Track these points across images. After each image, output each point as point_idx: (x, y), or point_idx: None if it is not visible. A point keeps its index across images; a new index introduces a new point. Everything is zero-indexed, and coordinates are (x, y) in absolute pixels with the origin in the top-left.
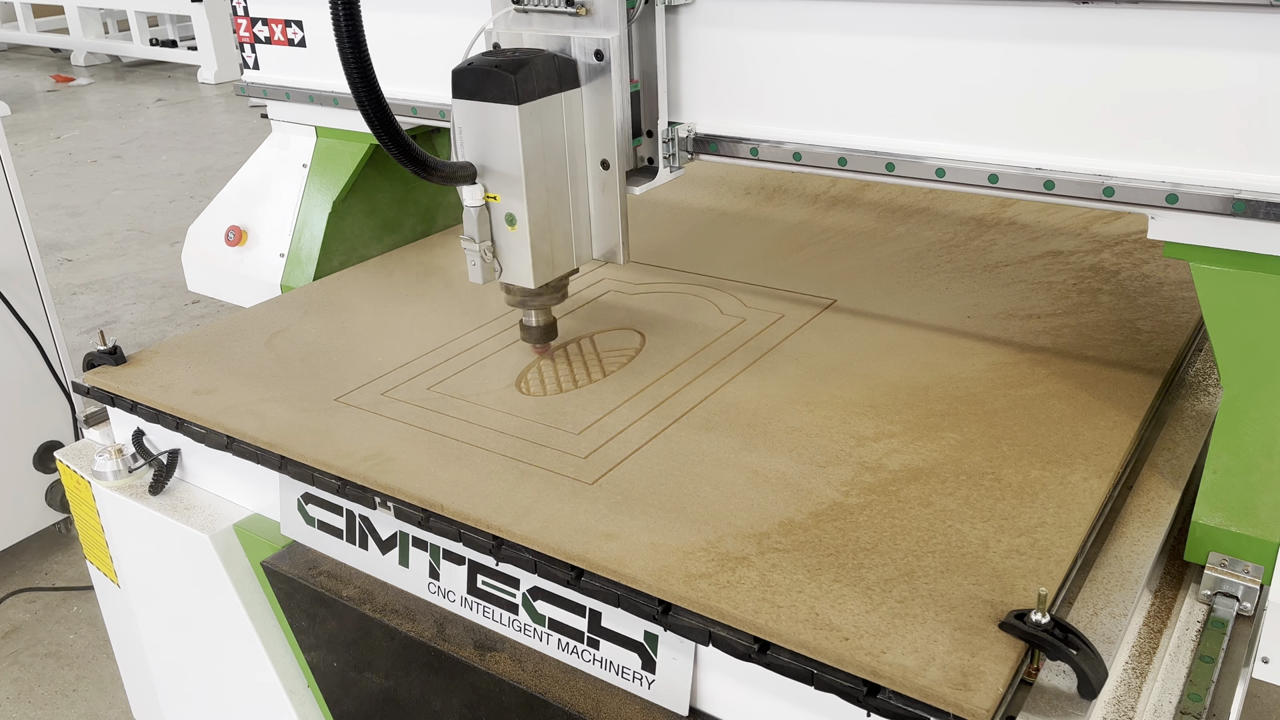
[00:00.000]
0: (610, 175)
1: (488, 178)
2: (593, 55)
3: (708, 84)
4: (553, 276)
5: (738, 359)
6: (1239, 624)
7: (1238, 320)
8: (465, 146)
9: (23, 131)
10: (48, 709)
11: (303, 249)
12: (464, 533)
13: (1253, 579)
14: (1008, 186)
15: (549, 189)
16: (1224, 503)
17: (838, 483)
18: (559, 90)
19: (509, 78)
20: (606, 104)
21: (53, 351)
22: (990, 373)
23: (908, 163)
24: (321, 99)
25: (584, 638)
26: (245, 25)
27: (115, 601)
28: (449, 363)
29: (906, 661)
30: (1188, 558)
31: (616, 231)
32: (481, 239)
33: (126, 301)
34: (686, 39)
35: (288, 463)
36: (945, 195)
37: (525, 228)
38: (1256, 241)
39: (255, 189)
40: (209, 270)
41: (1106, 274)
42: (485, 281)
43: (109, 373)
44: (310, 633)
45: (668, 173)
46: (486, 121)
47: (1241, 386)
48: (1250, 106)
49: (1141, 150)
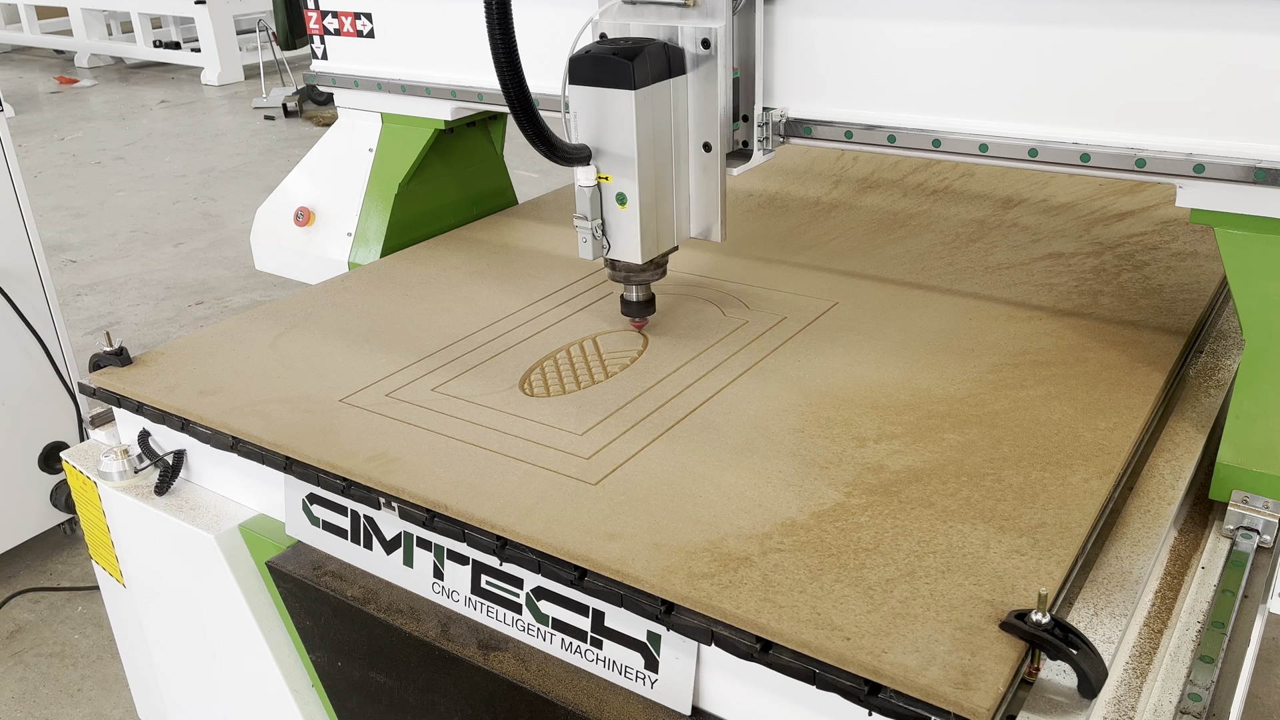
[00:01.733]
0: (712, 157)
1: (601, 159)
2: (700, 44)
3: (798, 70)
4: (657, 253)
5: (740, 360)
6: (1259, 556)
7: (1258, 280)
8: (580, 130)
9: (27, 133)
10: (53, 709)
11: (369, 229)
12: (468, 533)
13: (1272, 513)
14: (1047, 160)
15: (657, 170)
16: (1246, 444)
17: (839, 483)
18: (669, 77)
19: (627, 64)
20: (711, 90)
21: (58, 352)
22: (992, 374)
23: (950, 139)
24: (388, 87)
25: (587, 637)
26: (316, 17)
27: (120, 601)
28: (453, 364)
29: (908, 661)
30: (1213, 495)
31: (716, 210)
32: (593, 218)
33: (130, 302)
34: (781, 28)
35: (293, 463)
36: (945, 196)
37: (635, 207)
38: (1276, 207)
39: (322, 173)
40: (277, 249)
41: (1108, 275)
42: (595, 258)
43: (115, 374)
44: (314, 633)
45: (761, 155)
46: (603, 106)
47: (1261, 339)
48: (1269, 84)
49: (1170, 125)
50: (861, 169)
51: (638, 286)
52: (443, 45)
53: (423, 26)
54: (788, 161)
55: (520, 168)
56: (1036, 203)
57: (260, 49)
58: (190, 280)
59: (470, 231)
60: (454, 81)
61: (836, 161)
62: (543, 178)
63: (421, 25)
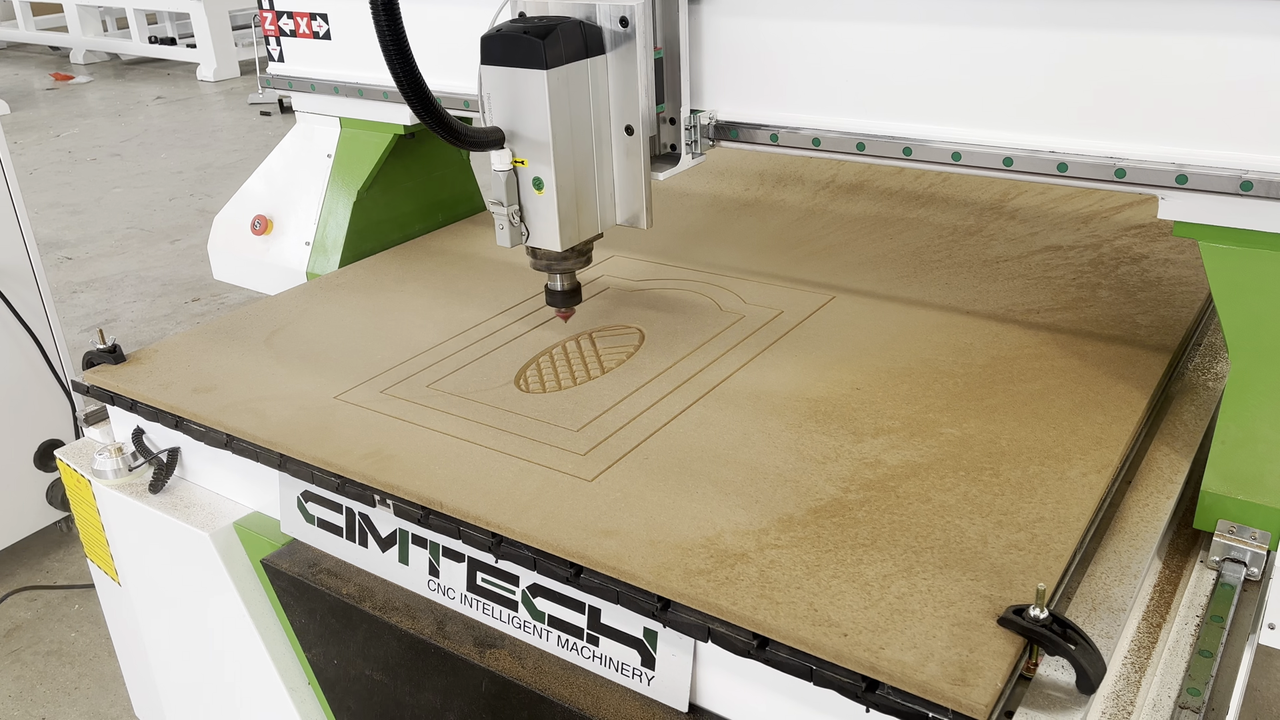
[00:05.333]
0: (634, 141)
1: (516, 143)
2: (618, 22)
3: (729, 72)
4: (578, 240)
5: (736, 355)
6: (1246, 589)
7: (1245, 296)
8: (493, 112)
9: (22, 130)
10: (49, 707)
11: (328, 237)
12: (463, 530)
13: (1260, 545)
14: (1022, 169)
15: (575, 154)
16: (1232, 472)
17: (836, 479)
18: (585, 57)
19: (538, 43)
20: (631, 70)
21: (53, 350)
22: (989, 368)
23: (923, 147)
24: (346, 90)
25: (583, 634)
26: (271, 18)
27: (116, 600)
28: (448, 360)
29: (905, 657)
30: (1197, 525)
31: (641, 197)
32: (509, 203)
33: (126, 300)
34: (708, 26)
35: (287, 461)
36: (943, 190)
37: (552, 192)
38: (1263, 220)
39: (280, 179)
40: (235, 259)
41: (1105, 269)
42: (513, 245)
43: (108, 371)
44: (310, 630)
45: (690, 159)
46: (515, 87)
47: (1248, 360)
48: (1256, 90)
49: (1152, 133)
50: (855, 166)
51: (561, 275)
52: None
53: None
54: (779, 162)
55: None
56: (1033, 196)
57: (256, 45)
58: (187, 277)
59: (440, 239)
60: None
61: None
62: None
63: None
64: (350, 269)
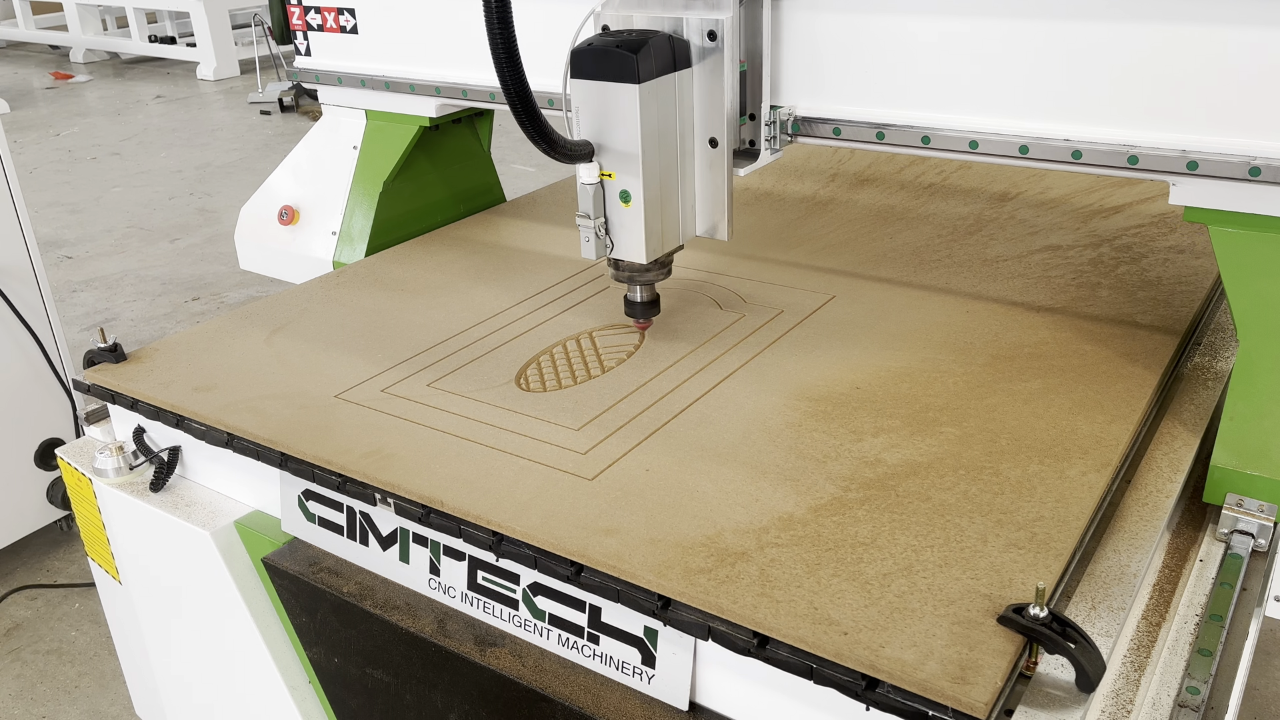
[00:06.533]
0: (718, 153)
1: (604, 155)
2: (706, 36)
3: (806, 67)
4: (662, 252)
5: (736, 355)
6: (1253, 560)
7: (1253, 279)
8: (582, 126)
9: (22, 129)
10: (50, 705)
11: (354, 227)
12: (464, 529)
13: (1267, 517)
14: (1038, 156)
15: (661, 167)
16: (1240, 447)
17: (836, 478)
18: (674, 70)
19: (630, 57)
20: (717, 84)
21: (53, 349)
22: (989, 367)
23: (944, 136)
24: (372, 83)
25: (584, 633)
26: (299, 13)
27: (117, 598)
28: (448, 359)
29: (905, 656)
30: (1206, 499)
31: (722, 208)
32: (595, 216)
33: (126, 299)
34: (788, 23)
35: (288, 459)
36: (941, 190)
37: (640, 205)
38: (1271, 205)
39: (307, 171)
40: (261, 249)
41: (1105, 268)
42: (598, 258)
43: (109, 370)
44: (311, 629)
45: (769, 154)
46: (605, 101)
47: (1256, 340)
48: (1265, 80)
49: (1163, 121)
50: (857, 164)
51: (642, 287)
52: (427, 41)
53: (406, 22)
54: (784, 157)
55: (517, 162)
56: (1033, 195)
57: (256, 43)
58: (187, 276)
59: (461, 229)
60: (438, 78)
61: (833, 155)
62: (539, 171)
63: (405, 21)
64: (351, 267)
